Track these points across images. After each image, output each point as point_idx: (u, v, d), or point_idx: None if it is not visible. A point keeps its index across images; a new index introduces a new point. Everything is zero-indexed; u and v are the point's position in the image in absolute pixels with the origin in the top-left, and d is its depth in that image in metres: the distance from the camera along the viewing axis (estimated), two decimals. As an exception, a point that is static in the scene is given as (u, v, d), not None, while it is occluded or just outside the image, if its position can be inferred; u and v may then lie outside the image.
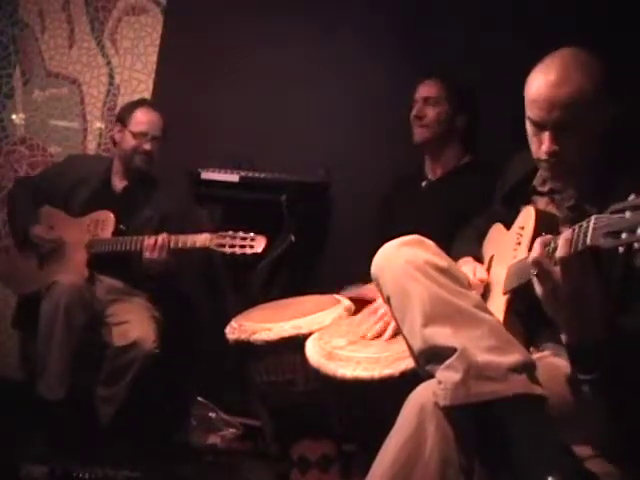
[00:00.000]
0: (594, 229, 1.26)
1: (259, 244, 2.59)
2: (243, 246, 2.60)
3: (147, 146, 2.93)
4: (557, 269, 1.38)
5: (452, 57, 2.94)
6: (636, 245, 1.16)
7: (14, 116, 3.68)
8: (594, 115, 1.60)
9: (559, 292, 1.39)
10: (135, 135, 2.95)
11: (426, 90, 2.63)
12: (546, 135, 1.63)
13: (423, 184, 2.67)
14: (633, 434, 1.48)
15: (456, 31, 2.99)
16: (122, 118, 3.02)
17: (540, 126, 1.64)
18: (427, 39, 3.05)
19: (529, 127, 1.69)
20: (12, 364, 3.33)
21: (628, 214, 1.19)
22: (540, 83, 1.63)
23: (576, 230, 1.33)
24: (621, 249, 1.19)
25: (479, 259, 1.95)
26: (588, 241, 1.27)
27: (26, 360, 3.21)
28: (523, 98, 1.72)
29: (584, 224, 1.30)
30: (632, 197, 1.20)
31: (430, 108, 2.60)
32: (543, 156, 1.66)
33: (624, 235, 1.18)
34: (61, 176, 3.05)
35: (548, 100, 1.60)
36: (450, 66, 2.83)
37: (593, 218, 1.27)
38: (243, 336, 2.29)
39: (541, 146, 1.65)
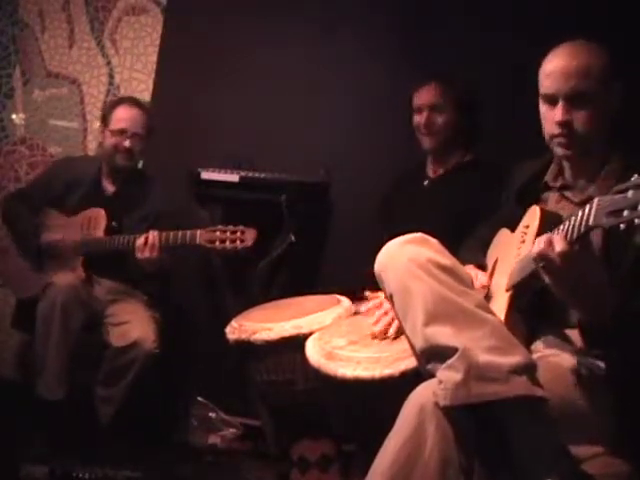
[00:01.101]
0: (597, 209, 1.28)
1: (249, 237, 2.58)
2: (233, 240, 2.59)
3: (126, 143, 2.89)
4: (559, 260, 1.39)
5: (452, 57, 2.94)
6: (637, 221, 1.18)
7: (14, 116, 3.68)
8: (602, 93, 1.68)
9: (564, 280, 1.41)
10: (113, 133, 2.91)
11: (430, 97, 2.59)
12: (559, 106, 1.69)
13: (425, 183, 2.67)
14: None
15: (456, 31, 2.99)
16: (103, 118, 3.02)
17: (554, 99, 1.70)
18: (427, 39, 3.05)
19: (543, 106, 1.75)
20: (12, 364, 3.33)
21: (630, 193, 1.21)
22: (555, 58, 1.73)
23: (579, 214, 1.34)
24: (622, 226, 1.21)
25: (482, 267, 1.95)
26: (591, 221, 1.29)
27: (25, 360, 3.21)
28: (523, 97, 1.74)
29: (587, 206, 1.31)
30: (635, 177, 1.22)
31: (438, 116, 2.57)
32: (556, 130, 1.70)
33: (626, 213, 1.20)
34: (53, 180, 3.03)
35: (562, 70, 1.69)
36: (450, 66, 2.83)
37: (596, 199, 1.29)
38: (243, 336, 2.29)
39: (554, 121, 1.70)
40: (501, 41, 2.88)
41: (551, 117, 1.72)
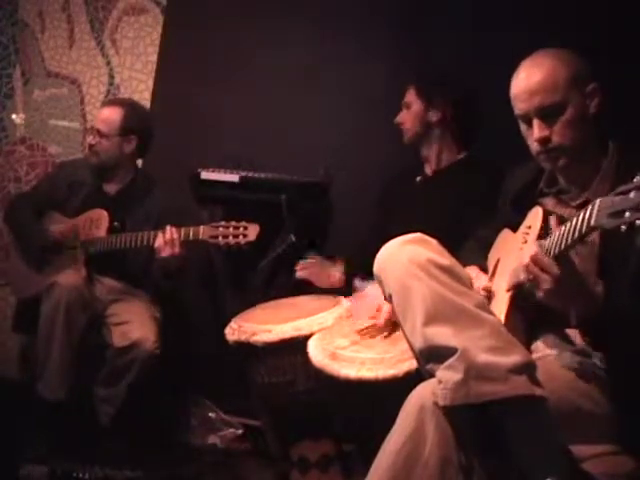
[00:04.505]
0: (599, 210, 1.28)
1: (252, 232, 2.59)
2: (236, 236, 2.59)
3: (89, 139, 2.97)
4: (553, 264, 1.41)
5: (452, 57, 2.93)
6: (638, 222, 1.18)
7: (14, 116, 3.69)
8: (572, 98, 1.68)
9: (560, 284, 1.42)
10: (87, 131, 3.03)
11: (405, 96, 2.68)
12: (534, 124, 1.69)
13: (417, 179, 2.69)
14: None
15: (456, 31, 2.99)
16: None
17: (527, 119, 1.72)
18: (427, 39, 3.04)
19: (521, 127, 1.76)
20: (12, 364, 3.33)
21: (632, 194, 1.21)
22: (517, 79, 1.75)
23: (581, 215, 1.34)
24: (623, 227, 1.21)
25: (484, 269, 1.95)
26: (593, 222, 1.29)
27: (26, 361, 3.21)
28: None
29: (589, 207, 1.31)
30: (637, 178, 1.22)
31: (405, 112, 2.66)
32: (538, 147, 1.71)
33: (627, 214, 1.20)
34: (56, 183, 3.04)
35: (526, 90, 1.70)
36: (450, 66, 2.82)
37: (598, 200, 1.29)
38: (243, 337, 2.29)
39: (533, 138, 1.70)
40: (501, 41, 2.87)
41: (530, 135, 1.73)
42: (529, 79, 1.70)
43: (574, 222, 1.37)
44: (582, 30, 2.63)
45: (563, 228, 1.42)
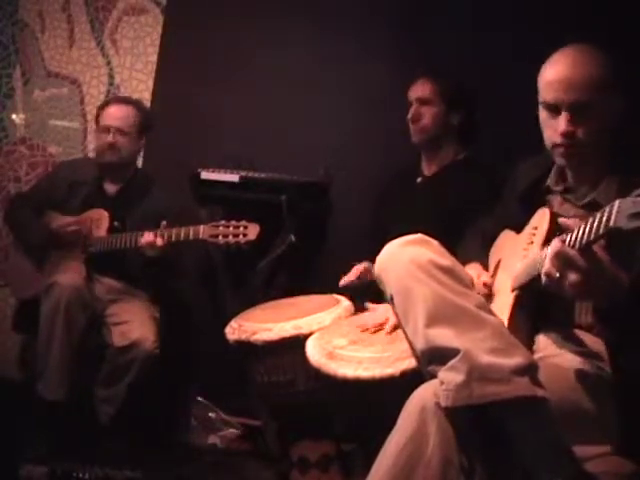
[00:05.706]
0: (618, 212, 1.25)
1: (252, 232, 2.59)
2: (236, 235, 2.59)
3: (109, 138, 2.92)
4: (579, 258, 1.36)
5: (452, 57, 2.94)
6: None
7: (14, 116, 3.68)
8: (605, 103, 1.66)
9: (586, 278, 1.38)
10: (98, 131, 2.99)
11: (419, 90, 2.62)
12: (562, 116, 1.66)
13: (418, 180, 2.68)
14: None
15: (456, 31, 2.99)
16: (96, 118, 3.05)
17: (556, 109, 1.67)
18: (427, 39, 3.04)
19: (544, 113, 1.72)
20: (12, 364, 3.33)
21: None
22: (557, 66, 1.68)
23: (598, 216, 1.32)
24: None
25: (485, 265, 1.95)
26: (612, 223, 1.27)
27: (26, 361, 3.21)
28: (523, 98, 1.74)
29: (607, 208, 1.29)
30: None
31: (425, 109, 2.60)
32: (559, 139, 1.68)
33: None
34: (56, 182, 3.04)
35: (565, 81, 1.65)
36: (450, 66, 2.83)
37: (617, 201, 1.26)
38: (243, 336, 2.29)
39: (556, 130, 1.67)
40: (501, 41, 2.88)
41: (552, 125, 1.69)
42: (570, 70, 1.65)
43: (591, 222, 1.35)
44: (582, 30, 2.63)
45: (578, 229, 1.40)
